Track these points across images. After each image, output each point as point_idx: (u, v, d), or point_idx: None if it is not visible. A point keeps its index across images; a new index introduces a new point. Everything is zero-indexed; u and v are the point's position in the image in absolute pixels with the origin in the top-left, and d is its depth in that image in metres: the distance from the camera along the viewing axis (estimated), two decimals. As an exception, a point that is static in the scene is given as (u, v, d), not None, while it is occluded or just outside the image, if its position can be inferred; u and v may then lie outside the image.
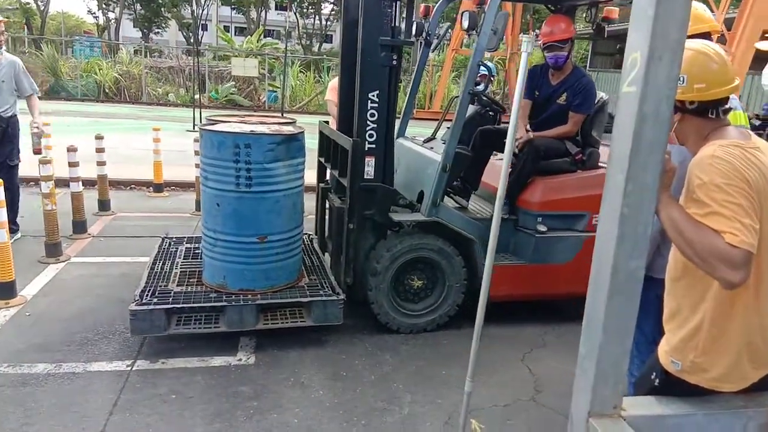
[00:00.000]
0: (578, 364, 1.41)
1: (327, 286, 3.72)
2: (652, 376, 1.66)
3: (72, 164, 5.52)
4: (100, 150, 6.41)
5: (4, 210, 4.02)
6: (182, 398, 2.98)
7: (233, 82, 18.99)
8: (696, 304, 1.52)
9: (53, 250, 4.83)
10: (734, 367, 1.51)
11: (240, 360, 3.38)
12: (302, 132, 3.62)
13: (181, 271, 3.89)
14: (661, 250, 2.10)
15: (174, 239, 4.55)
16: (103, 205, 6.44)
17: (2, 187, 3.98)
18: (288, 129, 3.57)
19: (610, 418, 1.36)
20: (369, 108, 3.49)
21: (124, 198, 7.18)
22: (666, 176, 1.40)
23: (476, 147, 4.13)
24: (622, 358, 1.32)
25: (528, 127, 4.19)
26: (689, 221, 1.37)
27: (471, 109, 4.29)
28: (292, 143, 3.49)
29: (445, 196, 3.88)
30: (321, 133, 4.51)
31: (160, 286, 3.59)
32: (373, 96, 3.48)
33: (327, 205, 4.46)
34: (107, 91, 18.71)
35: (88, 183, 6.56)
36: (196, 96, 13.60)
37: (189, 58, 20.83)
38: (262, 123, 3.66)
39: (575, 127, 4.10)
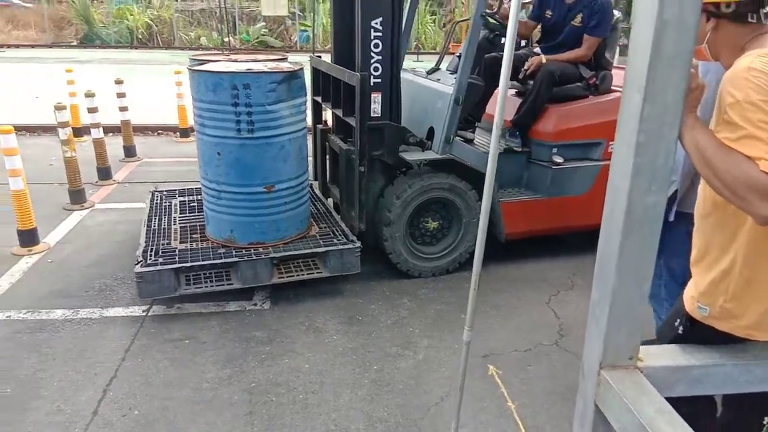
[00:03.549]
0: (590, 310, 1.30)
1: (340, 234, 3.58)
2: (676, 323, 1.49)
3: (91, 110, 5.50)
4: (121, 95, 6.34)
5: (19, 157, 3.97)
6: (195, 343, 2.97)
7: (263, 23, 18.52)
8: (727, 243, 1.33)
9: (77, 197, 4.88)
10: (769, 314, 1.32)
11: (255, 305, 3.36)
12: (302, 68, 3.38)
13: (180, 227, 3.74)
14: (696, 184, 1.88)
15: (165, 193, 4.40)
16: (129, 151, 6.42)
17: (14, 134, 3.94)
18: (287, 65, 3.34)
19: (624, 369, 1.24)
20: (372, 38, 3.21)
21: (152, 144, 7.17)
22: (692, 95, 1.17)
23: (481, 76, 3.84)
24: (638, 303, 1.17)
25: (539, 50, 3.90)
26: (718, 147, 1.15)
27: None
28: (294, 81, 3.26)
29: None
30: (315, 70, 4.26)
31: (163, 245, 3.44)
32: (377, 23, 3.18)
33: (327, 148, 4.27)
34: (140, 37, 18.56)
35: (114, 129, 6.53)
36: (226, 39, 13.28)
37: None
38: (254, 60, 3.43)
39: (590, 51, 3.82)
